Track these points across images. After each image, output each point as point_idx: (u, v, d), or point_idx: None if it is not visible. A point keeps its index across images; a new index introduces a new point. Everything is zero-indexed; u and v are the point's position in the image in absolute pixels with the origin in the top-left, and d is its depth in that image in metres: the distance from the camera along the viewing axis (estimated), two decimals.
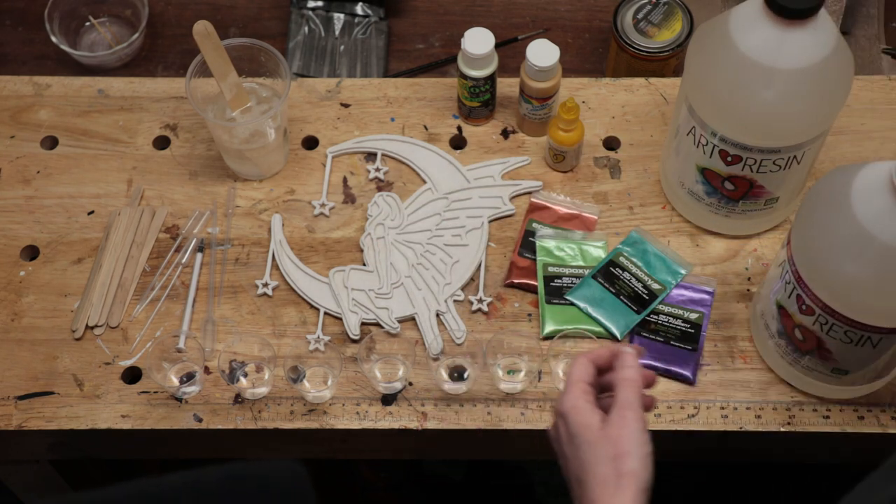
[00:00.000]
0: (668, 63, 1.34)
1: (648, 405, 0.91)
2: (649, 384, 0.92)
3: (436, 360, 1.15)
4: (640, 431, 0.86)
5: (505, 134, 1.29)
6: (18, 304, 1.19)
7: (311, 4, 1.44)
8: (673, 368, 1.13)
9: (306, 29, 1.43)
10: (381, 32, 1.43)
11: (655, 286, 1.17)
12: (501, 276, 1.20)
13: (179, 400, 1.13)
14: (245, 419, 1.12)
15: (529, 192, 1.25)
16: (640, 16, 1.33)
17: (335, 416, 1.12)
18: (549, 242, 1.20)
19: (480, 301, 1.18)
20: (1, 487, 1.37)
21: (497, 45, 1.24)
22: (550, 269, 1.19)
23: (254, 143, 1.22)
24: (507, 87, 1.30)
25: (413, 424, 1.12)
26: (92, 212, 1.24)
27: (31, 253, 1.22)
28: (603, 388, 0.92)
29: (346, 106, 1.31)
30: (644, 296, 1.17)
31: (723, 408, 1.12)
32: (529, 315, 1.18)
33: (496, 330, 1.16)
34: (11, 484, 1.36)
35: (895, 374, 1.11)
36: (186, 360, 1.15)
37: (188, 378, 1.13)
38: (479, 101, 1.26)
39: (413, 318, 1.17)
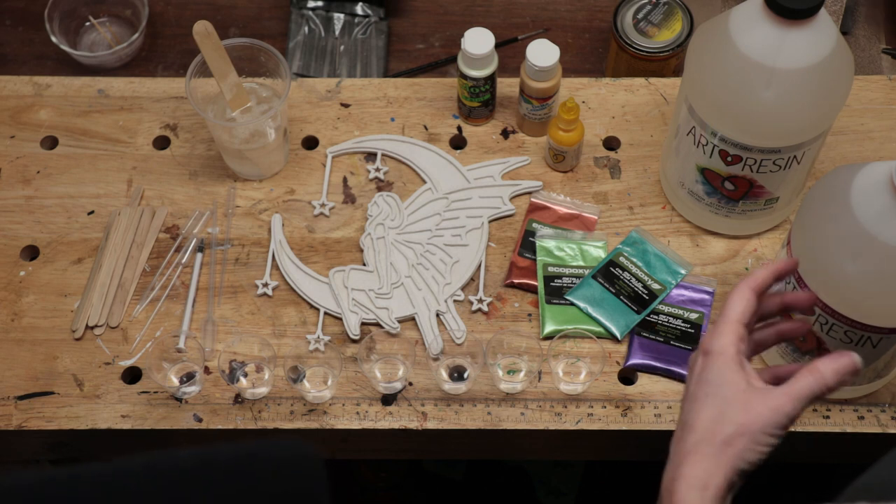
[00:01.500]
0: (668, 63, 1.34)
1: (797, 331, 0.84)
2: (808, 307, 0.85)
3: (436, 360, 1.15)
4: (784, 417, 0.77)
5: (505, 134, 1.29)
6: (18, 304, 1.19)
7: (311, 4, 1.44)
8: (673, 368, 1.13)
9: (306, 29, 1.43)
10: (381, 32, 1.43)
11: (655, 286, 1.17)
12: (501, 276, 1.20)
13: (179, 400, 1.13)
14: (245, 419, 1.12)
15: (529, 192, 1.25)
16: (640, 16, 1.33)
17: (335, 416, 1.12)
18: (549, 242, 1.20)
19: (480, 301, 1.18)
20: None
21: (497, 45, 1.24)
22: (550, 269, 1.19)
23: (254, 143, 1.22)
24: (507, 87, 1.30)
25: (413, 424, 1.12)
26: (92, 212, 1.24)
27: (31, 253, 1.22)
28: (761, 316, 0.84)
29: (346, 106, 1.31)
30: (644, 296, 1.17)
31: None
32: (529, 315, 1.18)
33: (496, 330, 1.16)
34: None
35: (895, 374, 1.11)
36: (186, 360, 1.15)
37: (188, 378, 1.13)
38: (479, 101, 1.26)
39: (413, 318, 1.17)
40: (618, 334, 1.15)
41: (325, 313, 1.18)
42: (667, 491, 0.77)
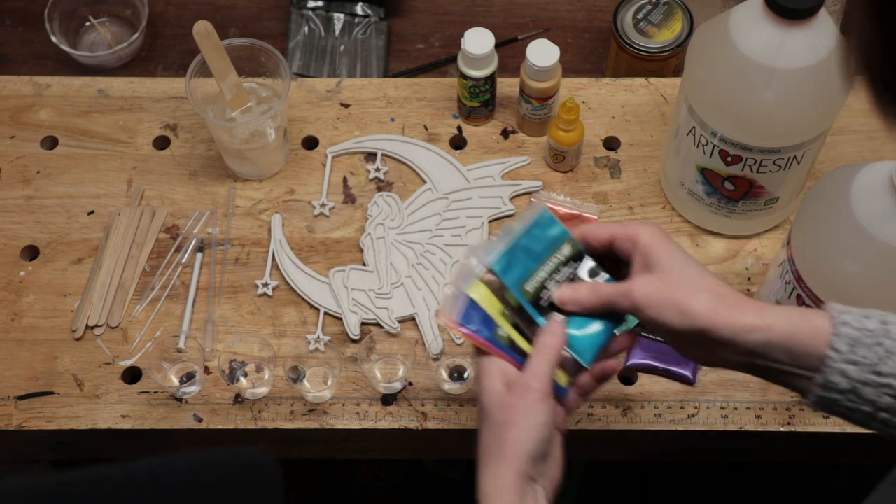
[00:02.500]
0: (668, 63, 1.34)
1: (609, 373, 0.89)
2: (616, 352, 0.90)
3: (436, 360, 1.15)
4: (538, 402, 0.84)
5: (505, 134, 1.29)
6: (18, 304, 1.19)
7: (311, 4, 1.44)
8: (673, 368, 1.13)
9: (306, 29, 1.43)
10: (381, 32, 1.43)
11: None
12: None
13: (179, 400, 1.13)
14: (245, 419, 1.12)
15: (529, 192, 1.25)
16: (640, 16, 1.33)
17: (335, 416, 1.12)
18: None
19: None
20: None
21: (497, 45, 1.24)
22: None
23: (254, 143, 1.22)
24: (507, 87, 1.30)
25: (413, 424, 1.12)
26: (92, 212, 1.24)
27: (31, 253, 1.22)
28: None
29: (346, 106, 1.31)
30: None
31: (723, 408, 1.12)
32: None
33: None
34: None
35: None
36: (186, 360, 1.15)
37: (188, 378, 1.13)
38: (479, 101, 1.26)
39: (413, 318, 1.17)
40: (617, 334, 1.15)
41: (325, 313, 1.18)
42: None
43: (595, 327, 0.89)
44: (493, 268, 0.90)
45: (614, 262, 0.89)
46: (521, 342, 0.89)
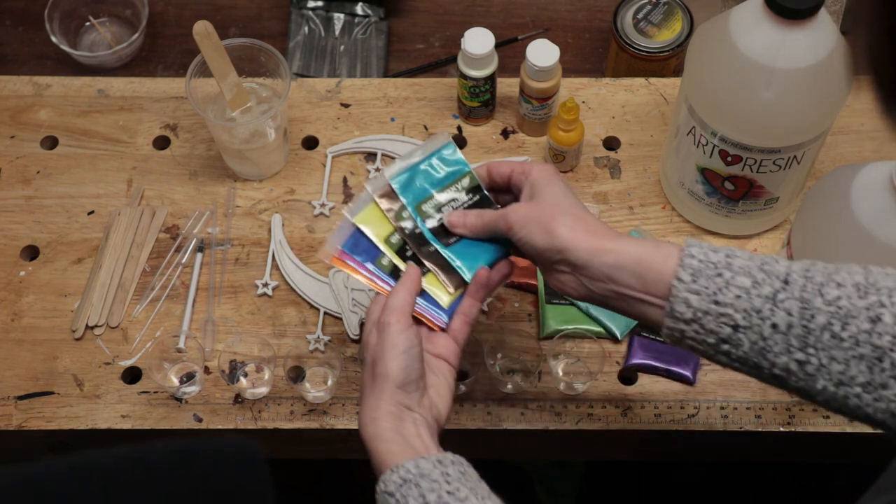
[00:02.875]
0: (668, 63, 1.33)
1: (488, 285, 0.96)
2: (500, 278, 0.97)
3: None
4: (397, 333, 0.90)
5: (505, 134, 1.29)
6: (18, 304, 1.19)
7: (311, 4, 1.44)
8: (673, 368, 1.13)
9: (306, 29, 1.43)
10: (381, 32, 1.43)
11: None
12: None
13: (179, 400, 1.13)
14: (245, 419, 1.12)
15: None
16: (640, 16, 1.33)
17: (335, 416, 1.12)
18: None
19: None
20: None
21: (497, 45, 1.24)
22: None
23: (254, 143, 1.22)
24: (507, 87, 1.30)
25: None
26: (92, 212, 1.24)
27: (31, 253, 1.22)
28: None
29: (346, 106, 1.31)
30: None
31: (723, 408, 1.12)
32: (529, 315, 1.18)
33: (496, 330, 1.16)
34: None
35: None
36: (186, 360, 1.15)
37: (188, 378, 1.13)
38: (479, 101, 1.26)
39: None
40: (618, 334, 1.15)
41: (325, 313, 1.18)
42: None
43: (481, 250, 0.97)
44: (393, 183, 0.98)
45: (515, 198, 0.96)
46: (404, 266, 0.97)
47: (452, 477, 0.83)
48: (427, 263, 0.97)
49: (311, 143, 1.29)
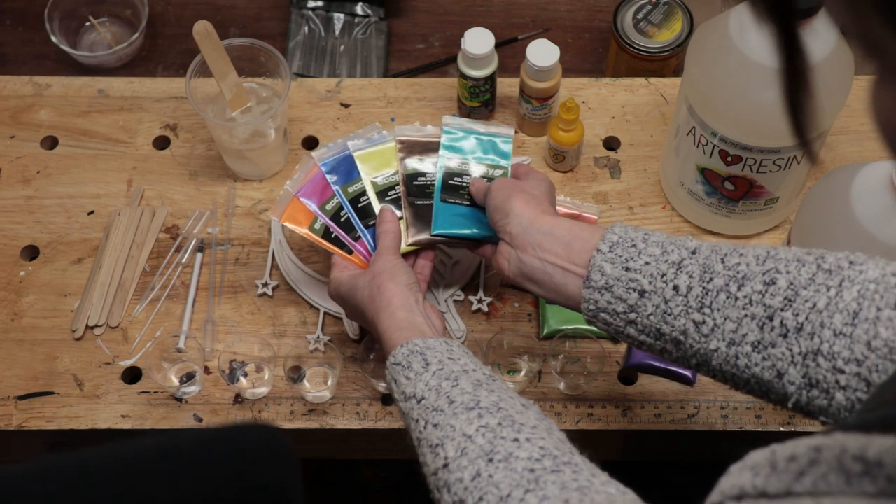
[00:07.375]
0: (668, 63, 1.34)
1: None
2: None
3: None
4: (400, 267, 1.01)
5: None
6: (18, 304, 1.19)
7: (311, 4, 1.44)
8: (673, 368, 1.13)
9: (306, 29, 1.43)
10: (381, 32, 1.43)
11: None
12: (501, 276, 1.19)
13: (179, 400, 1.13)
14: (245, 419, 1.12)
15: None
16: (640, 16, 1.33)
17: (335, 416, 1.12)
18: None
19: (480, 301, 1.18)
20: None
21: (497, 45, 1.24)
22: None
23: (254, 143, 1.22)
24: (507, 87, 1.30)
25: None
26: (92, 212, 1.24)
27: (31, 253, 1.22)
28: None
29: (346, 106, 1.31)
30: None
31: (723, 408, 1.12)
32: (529, 315, 1.18)
33: (496, 330, 1.16)
34: None
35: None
36: (186, 360, 1.15)
37: (188, 378, 1.13)
38: (479, 101, 1.26)
39: None
40: None
41: (325, 313, 1.18)
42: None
43: (464, 221, 1.07)
44: (445, 133, 1.13)
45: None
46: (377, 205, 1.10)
47: (455, 351, 0.91)
48: (405, 210, 1.08)
49: (311, 143, 1.29)
